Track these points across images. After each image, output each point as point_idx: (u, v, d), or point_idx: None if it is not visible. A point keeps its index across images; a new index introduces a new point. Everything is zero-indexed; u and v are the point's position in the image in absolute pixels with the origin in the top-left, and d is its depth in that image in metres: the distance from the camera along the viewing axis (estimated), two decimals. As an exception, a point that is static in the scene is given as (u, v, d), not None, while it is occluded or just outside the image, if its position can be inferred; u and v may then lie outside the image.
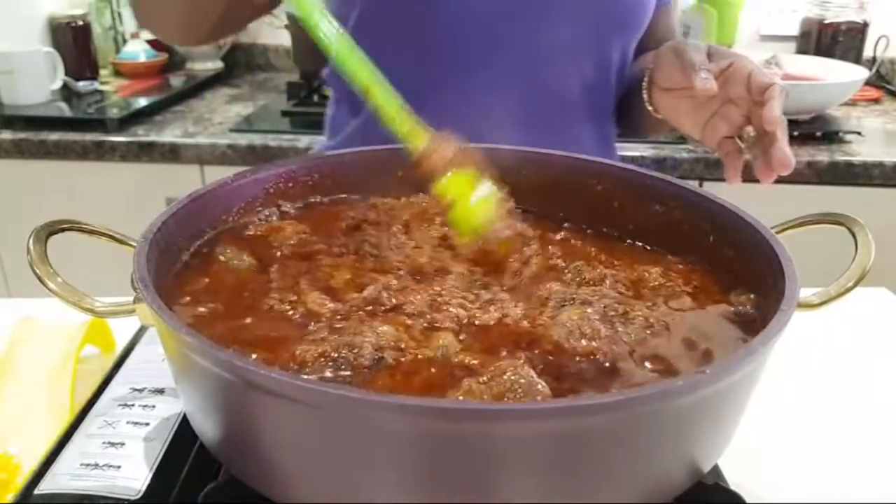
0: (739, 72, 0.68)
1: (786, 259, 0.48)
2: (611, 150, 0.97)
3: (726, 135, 0.71)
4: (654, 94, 0.77)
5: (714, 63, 0.69)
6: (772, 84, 0.66)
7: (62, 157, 1.49)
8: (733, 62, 0.69)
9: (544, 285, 0.53)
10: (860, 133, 1.51)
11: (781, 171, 0.64)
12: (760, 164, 0.66)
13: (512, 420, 0.35)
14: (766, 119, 0.64)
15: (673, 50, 0.73)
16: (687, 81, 0.68)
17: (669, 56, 0.73)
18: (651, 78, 0.78)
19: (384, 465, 0.37)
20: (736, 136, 0.71)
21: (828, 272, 0.52)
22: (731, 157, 0.71)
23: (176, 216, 0.54)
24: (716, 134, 0.72)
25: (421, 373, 0.44)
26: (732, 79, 0.68)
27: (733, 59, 0.69)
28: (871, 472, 0.58)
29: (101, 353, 0.69)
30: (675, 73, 0.72)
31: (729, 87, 0.68)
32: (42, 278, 0.46)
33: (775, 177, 0.65)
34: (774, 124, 0.64)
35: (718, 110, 0.70)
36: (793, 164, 0.64)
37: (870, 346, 0.76)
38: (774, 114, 0.64)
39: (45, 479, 0.47)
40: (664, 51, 0.75)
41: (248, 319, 0.49)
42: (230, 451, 0.44)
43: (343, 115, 0.95)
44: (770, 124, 0.64)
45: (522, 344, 0.47)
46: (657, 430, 0.38)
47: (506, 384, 0.40)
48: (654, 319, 0.50)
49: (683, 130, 0.76)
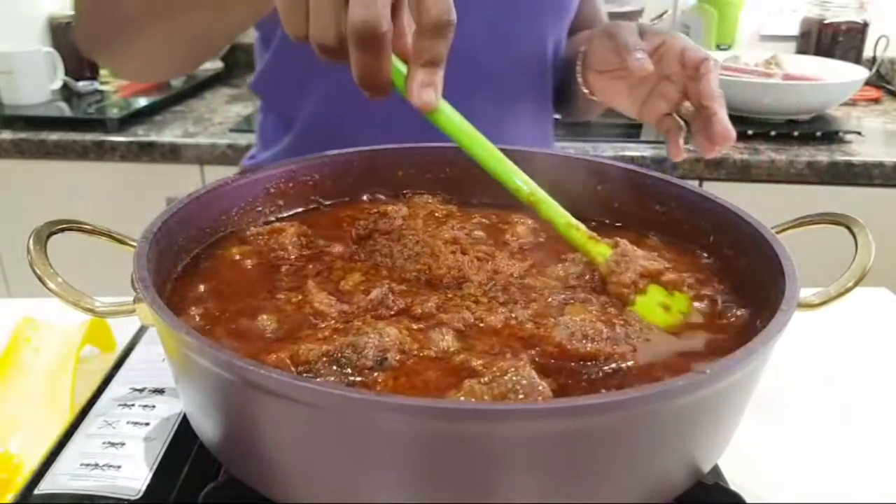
0: (672, 49, 0.68)
1: (786, 259, 0.48)
2: (549, 137, 0.96)
3: (665, 112, 0.72)
4: (589, 77, 0.77)
5: (647, 42, 0.69)
6: (705, 59, 0.66)
7: (62, 157, 1.49)
8: (665, 39, 0.69)
9: (549, 283, 0.54)
10: (860, 133, 1.51)
11: (722, 144, 0.65)
12: (701, 138, 0.67)
13: (512, 420, 0.35)
14: (703, 94, 0.65)
15: (605, 32, 0.73)
16: (622, 62, 0.68)
17: (603, 39, 0.73)
18: (585, 61, 0.77)
19: (384, 466, 0.37)
20: (674, 113, 0.72)
21: (828, 272, 0.52)
22: (672, 133, 0.71)
23: (176, 216, 0.54)
24: (654, 112, 0.72)
25: (423, 373, 0.44)
26: (666, 56, 0.69)
27: (665, 36, 0.70)
28: (871, 472, 0.58)
29: (101, 353, 0.69)
30: (610, 56, 0.72)
31: (663, 64, 0.69)
32: (42, 278, 0.46)
33: (717, 151, 0.66)
34: (712, 98, 0.65)
35: (654, 88, 0.71)
36: (733, 136, 0.64)
37: (870, 346, 0.76)
38: (711, 87, 0.65)
39: (45, 479, 0.47)
40: (597, 34, 0.76)
41: (251, 319, 0.49)
42: (230, 451, 0.44)
43: (273, 125, 0.94)
44: (708, 99, 0.65)
45: (527, 345, 0.47)
46: (657, 430, 0.38)
47: (507, 385, 0.40)
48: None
49: (621, 110, 0.77)
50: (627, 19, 1.68)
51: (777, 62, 1.65)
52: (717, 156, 1.39)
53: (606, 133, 1.50)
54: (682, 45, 0.68)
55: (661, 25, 1.78)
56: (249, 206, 0.63)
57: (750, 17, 1.89)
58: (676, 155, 0.71)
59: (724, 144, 0.65)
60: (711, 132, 0.65)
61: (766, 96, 1.49)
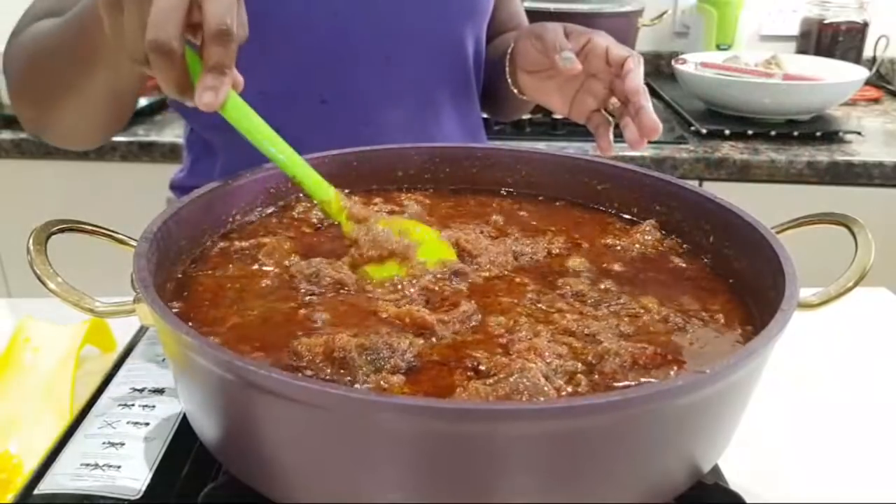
0: (597, 47, 0.71)
1: (786, 259, 0.48)
2: (479, 138, 0.98)
3: (593, 108, 0.74)
4: (519, 77, 0.80)
5: (573, 41, 0.72)
6: (629, 56, 0.69)
7: (62, 157, 1.49)
8: (591, 38, 0.72)
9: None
10: (860, 133, 1.51)
11: (651, 136, 0.66)
12: (630, 132, 0.68)
13: (511, 420, 0.35)
14: (628, 90, 0.67)
15: (532, 34, 0.76)
16: (550, 63, 0.71)
17: (530, 40, 0.76)
18: (513, 62, 0.80)
19: (384, 466, 0.37)
20: (602, 109, 0.74)
21: (828, 272, 0.52)
22: (601, 128, 0.74)
23: (176, 216, 0.54)
24: (583, 109, 0.75)
25: (432, 371, 0.44)
26: (592, 55, 0.71)
27: (590, 35, 0.72)
28: (871, 472, 0.58)
29: (101, 353, 0.69)
30: (538, 56, 0.74)
31: (589, 63, 0.71)
32: (42, 278, 0.46)
33: (645, 143, 0.68)
34: (637, 93, 0.67)
35: (582, 86, 0.74)
36: (660, 128, 0.66)
37: (870, 346, 0.76)
38: (635, 83, 0.67)
39: (45, 479, 0.47)
40: (524, 35, 0.78)
41: (257, 313, 0.50)
42: (230, 450, 0.44)
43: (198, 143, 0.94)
44: (633, 94, 0.67)
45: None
46: (657, 430, 0.38)
47: (511, 386, 0.40)
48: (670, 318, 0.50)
49: (551, 108, 0.79)
50: (627, 19, 1.69)
51: (777, 62, 1.65)
52: (717, 156, 1.39)
53: (606, 133, 1.50)
54: (607, 43, 0.71)
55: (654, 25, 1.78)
56: (250, 206, 0.64)
57: (750, 17, 1.89)
58: (606, 149, 0.73)
59: (651, 136, 0.66)
60: (640, 125, 0.67)
61: (766, 96, 1.49)
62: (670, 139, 1.47)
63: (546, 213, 0.67)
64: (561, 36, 0.72)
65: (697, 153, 1.41)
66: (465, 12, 0.87)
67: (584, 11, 1.68)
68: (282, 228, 0.62)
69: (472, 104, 0.94)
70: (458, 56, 0.88)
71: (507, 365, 0.43)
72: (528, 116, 1.48)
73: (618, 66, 0.69)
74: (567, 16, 1.67)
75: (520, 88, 0.81)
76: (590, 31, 0.73)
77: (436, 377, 0.44)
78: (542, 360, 0.44)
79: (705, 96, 1.59)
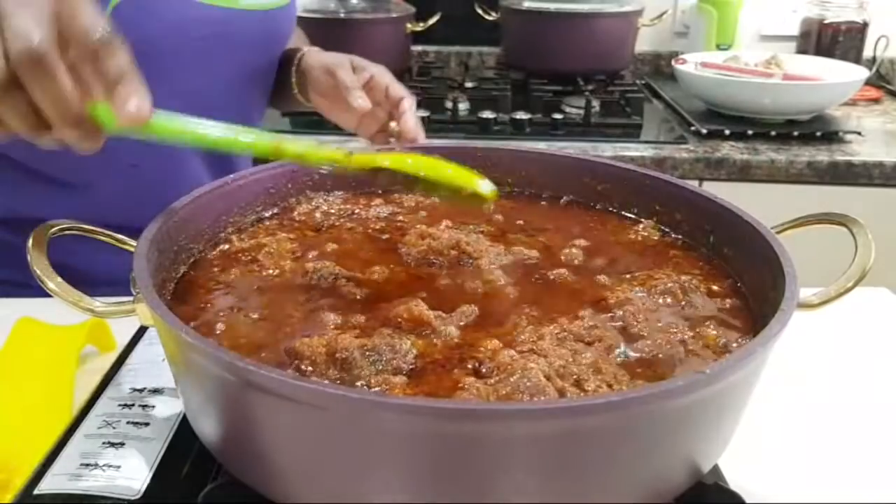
0: (380, 83, 0.84)
1: (786, 259, 0.48)
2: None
3: (377, 130, 0.87)
4: (311, 97, 0.92)
5: (358, 76, 0.84)
6: (403, 98, 0.82)
7: (62, 157, 1.49)
8: (374, 74, 0.84)
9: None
10: (860, 133, 1.51)
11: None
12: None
13: (511, 420, 0.35)
14: (404, 133, 0.81)
15: (325, 68, 0.87)
16: (343, 99, 0.83)
17: (324, 74, 0.87)
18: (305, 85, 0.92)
19: (385, 466, 0.37)
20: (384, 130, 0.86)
21: (828, 272, 0.52)
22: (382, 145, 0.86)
23: (176, 216, 0.54)
24: (368, 130, 0.87)
25: (434, 372, 0.44)
26: (375, 89, 0.84)
27: (373, 70, 0.85)
28: (871, 472, 0.58)
29: (100, 353, 0.69)
30: (331, 91, 0.86)
31: (372, 95, 0.83)
32: (42, 278, 0.46)
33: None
34: (410, 134, 0.80)
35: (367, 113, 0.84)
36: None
37: (870, 346, 0.76)
38: (409, 126, 0.80)
39: (45, 479, 0.47)
40: (316, 68, 0.89)
41: (257, 314, 0.49)
42: (230, 450, 0.44)
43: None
44: (407, 135, 0.80)
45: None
46: (657, 430, 0.38)
47: (512, 385, 0.40)
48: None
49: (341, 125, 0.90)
50: (627, 19, 1.69)
51: (777, 62, 1.65)
52: (717, 156, 1.39)
53: (606, 133, 1.50)
54: (387, 81, 0.84)
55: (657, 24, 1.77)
56: (249, 206, 0.64)
57: (750, 17, 1.88)
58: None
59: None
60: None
61: (766, 96, 1.49)
62: (670, 139, 1.47)
63: (546, 213, 0.67)
64: (350, 73, 0.84)
65: (697, 153, 1.41)
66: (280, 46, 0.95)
67: (584, 11, 1.68)
68: (282, 229, 0.62)
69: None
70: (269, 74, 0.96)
71: (509, 365, 0.43)
72: (528, 116, 1.48)
73: (394, 106, 0.83)
74: (567, 16, 1.68)
75: (311, 103, 0.93)
76: (373, 66, 0.86)
77: (437, 378, 0.44)
78: (545, 360, 0.44)
79: (705, 96, 1.58)
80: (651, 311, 0.51)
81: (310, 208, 0.65)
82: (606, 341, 0.47)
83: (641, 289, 0.54)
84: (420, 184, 0.55)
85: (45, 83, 0.44)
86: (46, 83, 0.44)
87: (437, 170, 0.55)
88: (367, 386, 0.42)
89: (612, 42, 1.71)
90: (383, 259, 0.58)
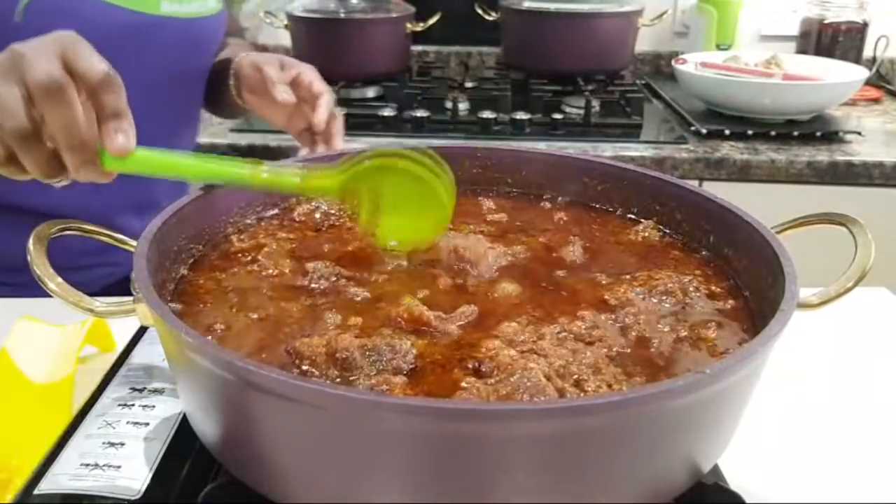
0: (304, 81, 0.88)
1: (786, 259, 0.48)
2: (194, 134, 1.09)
3: (303, 127, 0.92)
4: (243, 94, 0.96)
5: (286, 73, 0.89)
6: (322, 93, 0.88)
7: (62, 157, 1.49)
8: (301, 71, 0.89)
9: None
10: (860, 133, 1.51)
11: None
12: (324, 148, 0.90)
13: (511, 420, 0.35)
14: (315, 122, 0.87)
15: (253, 66, 0.92)
16: (270, 93, 0.88)
17: (252, 70, 0.92)
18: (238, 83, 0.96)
19: (385, 466, 0.37)
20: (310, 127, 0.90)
21: (828, 272, 0.52)
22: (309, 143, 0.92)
23: (176, 216, 0.54)
24: (296, 127, 0.93)
25: (434, 372, 0.44)
26: (301, 86, 0.88)
27: (301, 68, 0.90)
28: (871, 472, 0.58)
29: (100, 353, 0.69)
30: (259, 85, 0.91)
31: (297, 91, 0.88)
32: (42, 278, 0.46)
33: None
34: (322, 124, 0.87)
35: (295, 109, 0.91)
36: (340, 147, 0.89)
37: (870, 346, 0.76)
38: (320, 117, 0.87)
39: (45, 479, 0.47)
40: (246, 66, 0.94)
41: (257, 314, 0.49)
42: (230, 451, 0.44)
43: None
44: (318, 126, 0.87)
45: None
46: (657, 430, 0.38)
47: (512, 386, 0.40)
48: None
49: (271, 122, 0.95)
50: (627, 19, 1.69)
51: (777, 62, 1.65)
52: (717, 156, 1.39)
53: (606, 133, 1.50)
54: (311, 78, 0.89)
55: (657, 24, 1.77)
56: (249, 206, 0.63)
57: (750, 17, 1.88)
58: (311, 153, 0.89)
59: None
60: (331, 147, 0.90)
61: (766, 96, 1.49)
62: (670, 139, 1.47)
63: (546, 213, 0.67)
64: (277, 69, 0.89)
65: (697, 153, 1.41)
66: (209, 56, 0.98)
67: (584, 11, 1.68)
68: (282, 229, 0.62)
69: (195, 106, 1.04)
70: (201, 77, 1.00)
71: (509, 365, 0.43)
72: (528, 116, 1.48)
73: (314, 101, 0.87)
74: (567, 16, 1.67)
75: (243, 101, 0.97)
76: (302, 65, 0.90)
77: (437, 378, 0.44)
78: (545, 360, 0.44)
79: (705, 96, 1.59)
80: (651, 312, 0.51)
81: (310, 208, 0.65)
82: (606, 341, 0.47)
83: (642, 289, 0.54)
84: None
85: (62, 110, 0.50)
86: (63, 110, 0.50)
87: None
88: (368, 386, 0.42)
89: (612, 42, 1.71)
90: (383, 259, 0.58)
